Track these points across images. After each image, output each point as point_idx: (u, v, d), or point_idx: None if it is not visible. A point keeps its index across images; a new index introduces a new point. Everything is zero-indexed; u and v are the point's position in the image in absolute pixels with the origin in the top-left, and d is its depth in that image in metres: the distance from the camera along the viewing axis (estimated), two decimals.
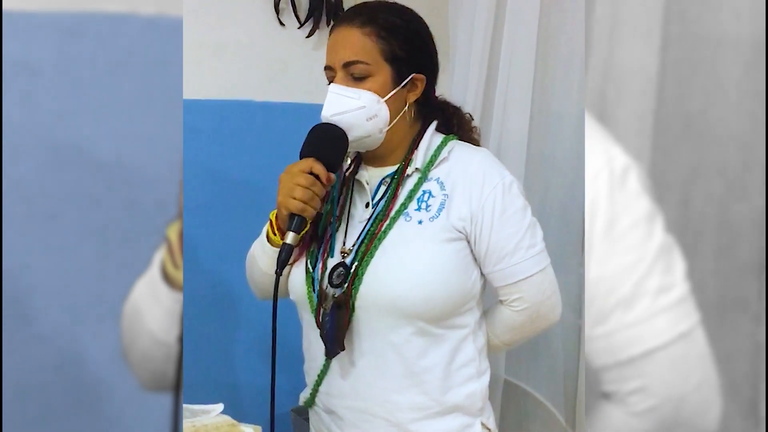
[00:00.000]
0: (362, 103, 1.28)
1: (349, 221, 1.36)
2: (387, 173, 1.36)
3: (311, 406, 1.42)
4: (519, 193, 1.33)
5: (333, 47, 1.32)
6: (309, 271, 1.34)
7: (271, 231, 1.34)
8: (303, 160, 1.29)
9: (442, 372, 1.30)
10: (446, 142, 1.37)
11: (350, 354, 1.31)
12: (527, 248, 1.30)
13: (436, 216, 1.30)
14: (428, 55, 1.37)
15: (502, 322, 1.36)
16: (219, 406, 1.16)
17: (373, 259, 1.28)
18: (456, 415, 1.32)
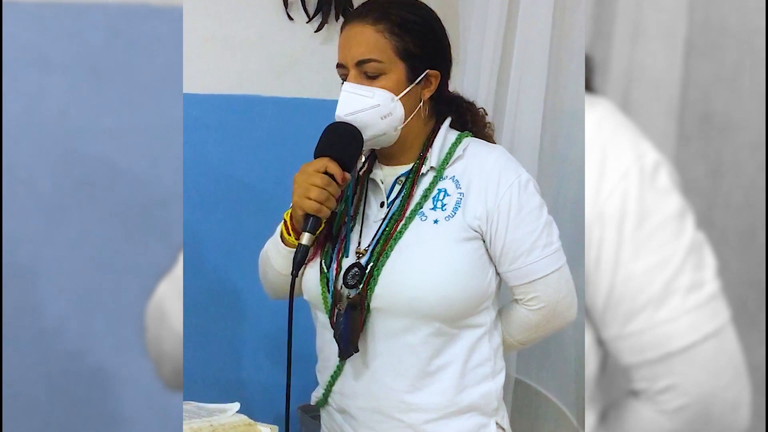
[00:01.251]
0: (377, 101, 1.27)
1: (364, 221, 1.35)
2: (401, 172, 1.35)
3: (324, 405, 1.41)
4: (535, 192, 1.32)
5: (345, 45, 1.31)
6: (323, 271, 1.32)
7: (285, 231, 1.33)
8: (318, 160, 1.28)
9: (458, 372, 1.29)
10: (461, 139, 1.35)
11: (364, 355, 1.30)
12: (543, 247, 1.29)
13: (452, 215, 1.29)
14: (442, 50, 1.36)
15: (518, 321, 1.35)
16: (235, 405, 1.16)
17: (389, 260, 1.27)
18: (471, 415, 1.31)
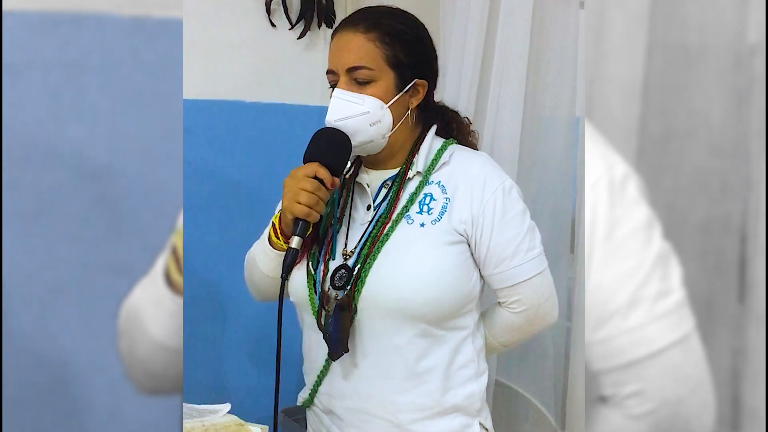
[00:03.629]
0: (366, 108, 1.29)
1: (351, 223, 1.37)
2: (388, 176, 1.37)
3: (310, 406, 1.43)
4: (518, 197, 1.35)
5: (336, 52, 1.33)
6: (311, 273, 1.34)
7: (273, 234, 1.34)
8: (307, 165, 1.29)
9: (443, 373, 1.32)
10: (446, 146, 1.38)
11: (352, 356, 1.32)
12: (526, 251, 1.32)
13: (438, 219, 1.31)
14: (429, 60, 1.39)
15: (501, 323, 1.38)
16: (226, 406, 1.17)
17: (376, 262, 1.29)
18: (455, 416, 1.34)
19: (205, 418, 1.11)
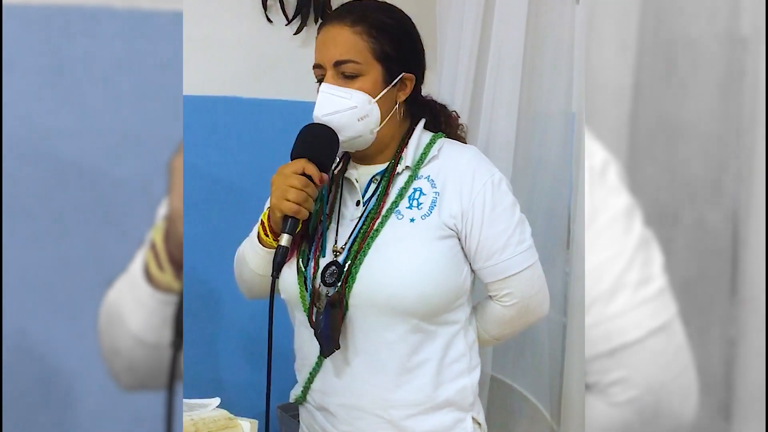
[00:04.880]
0: (354, 103, 1.29)
1: (340, 220, 1.36)
2: (376, 171, 1.37)
3: (302, 402, 1.43)
4: (508, 190, 1.35)
5: (323, 45, 1.32)
6: (301, 270, 1.34)
7: (262, 232, 1.34)
8: (295, 161, 1.29)
9: (435, 368, 1.31)
10: (435, 140, 1.38)
11: (344, 352, 1.31)
12: (517, 244, 1.32)
13: (428, 214, 1.31)
14: (417, 54, 1.39)
15: (492, 317, 1.38)
16: (215, 400, 1.17)
17: (367, 258, 1.29)
18: (448, 410, 1.33)
19: (194, 412, 1.11)
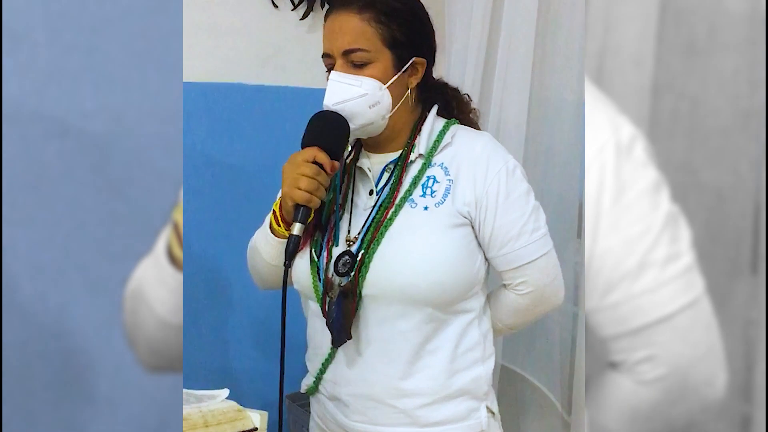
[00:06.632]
0: (364, 90, 1.27)
1: (353, 209, 1.34)
2: (389, 160, 1.35)
3: (314, 393, 1.41)
4: (522, 177, 1.33)
5: (331, 34, 1.30)
6: (314, 260, 1.32)
7: (274, 221, 1.32)
8: (306, 150, 1.27)
9: (448, 357, 1.30)
10: (448, 126, 1.36)
11: (357, 342, 1.30)
12: (531, 232, 1.30)
13: (441, 202, 1.29)
14: (427, 37, 1.36)
15: (507, 306, 1.36)
16: (224, 392, 1.15)
17: (380, 247, 1.27)
18: (462, 399, 1.32)
19: (203, 404, 1.10)
